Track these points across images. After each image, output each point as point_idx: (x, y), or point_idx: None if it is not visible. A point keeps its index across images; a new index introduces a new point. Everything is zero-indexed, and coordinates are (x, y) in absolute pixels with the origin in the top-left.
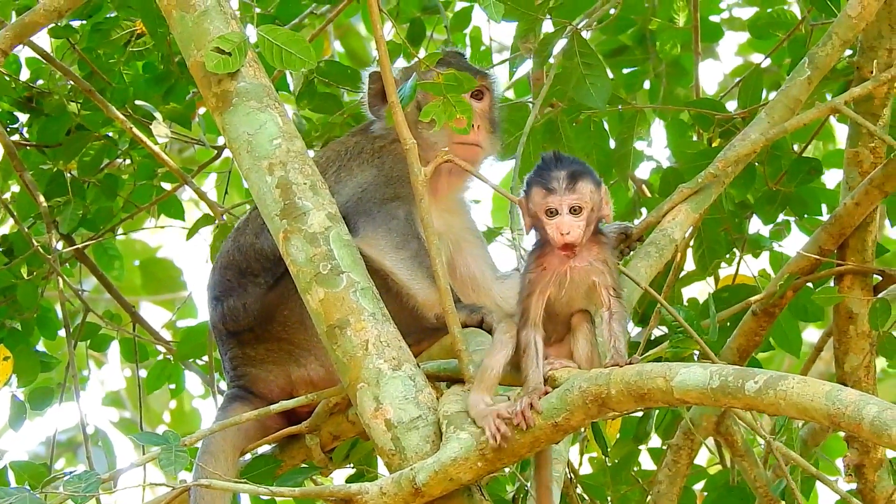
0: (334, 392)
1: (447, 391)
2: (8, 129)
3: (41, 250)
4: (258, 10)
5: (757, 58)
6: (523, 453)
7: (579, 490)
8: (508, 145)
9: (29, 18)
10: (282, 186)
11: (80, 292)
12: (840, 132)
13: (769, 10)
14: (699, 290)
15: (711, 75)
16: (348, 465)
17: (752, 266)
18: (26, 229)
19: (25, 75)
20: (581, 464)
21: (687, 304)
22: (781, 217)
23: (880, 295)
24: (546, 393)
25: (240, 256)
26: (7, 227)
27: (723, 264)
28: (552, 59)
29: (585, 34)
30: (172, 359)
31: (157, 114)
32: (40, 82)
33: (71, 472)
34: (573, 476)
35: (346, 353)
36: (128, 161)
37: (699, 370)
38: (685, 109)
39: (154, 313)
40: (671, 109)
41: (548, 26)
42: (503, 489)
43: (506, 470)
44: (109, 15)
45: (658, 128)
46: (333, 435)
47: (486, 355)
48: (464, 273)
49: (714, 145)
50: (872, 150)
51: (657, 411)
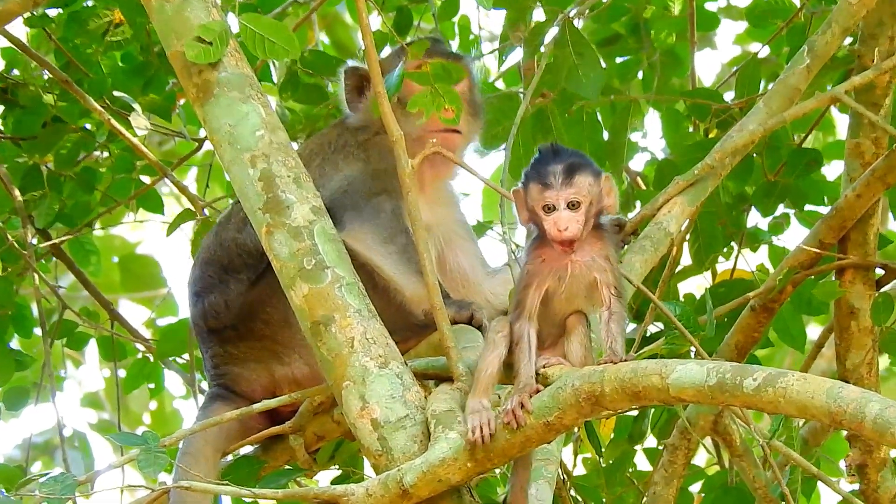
0: (319, 391)
1: (435, 390)
2: None
3: (16, 245)
4: None
5: (755, 46)
6: (514, 453)
7: (572, 492)
8: (498, 137)
9: (3, 7)
10: (265, 179)
11: (57, 289)
12: (841, 122)
13: None
14: (696, 286)
15: (708, 65)
16: (333, 467)
17: (751, 260)
18: (1, 224)
19: (0, 66)
20: (574, 465)
21: (683, 300)
22: (780, 210)
23: (883, 289)
24: (538, 391)
25: (221, 252)
26: None
27: (720, 258)
28: (543, 49)
29: (577, 22)
30: (152, 358)
31: (136, 105)
32: (15, 73)
33: (47, 475)
34: (566, 477)
35: (331, 351)
36: (106, 154)
37: (696, 367)
38: (681, 99)
39: (133, 311)
40: (666, 100)
41: (539, 14)
42: (493, 491)
43: (496, 471)
44: (87, 3)
45: (653, 118)
46: (318, 435)
47: (480, 357)
48: (453, 268)
49: (711, 136)
50: (874, 141)
51: (653, 410)
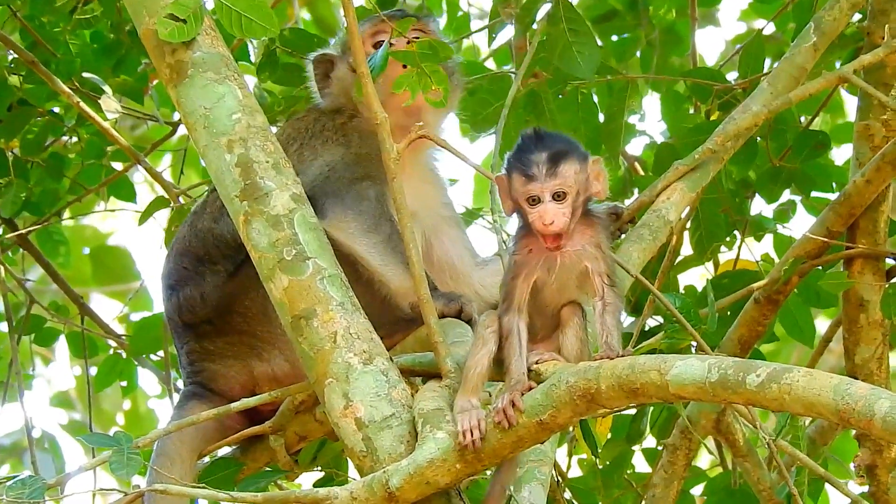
0: (300, 389)
1: (423, 387)
2: None
3: None
4: None
5: (759, 23)
6: (506, 454)
7: (567, 495)
8: (488, 119)
9: None
10: (242, 165)
11: (24, 282)
12: (849, 104)
13: None
14: (697, 276)
15: (710, 43)
16: (316, 468)
17: (755, 250)
18: None
19: None
20: (569, 466)
21: (683, 292)
22: (786, 196)
23: (894, 280)
24: (530, 388)
25: (197, 242)
26: None
27: (722, 248)
28: (536, 26)
29: None
30: (125, 354)
31: (107, 87)
32: None
33: (15, 478)
34: (560, 479)
35: (313, 346)
36: (75, 139)
37: (696, 363)
38: (681, 80)
39: (105, 305)
40: (666, 80)
41: None
42: (484, 493)
43: (487, 472)
44: None
45: (651, 100)
46: (299, 435)
47: (469, 354)
48: (441, 258)
49: (712, 118)
50: (885, 123)
51: (652, 408)
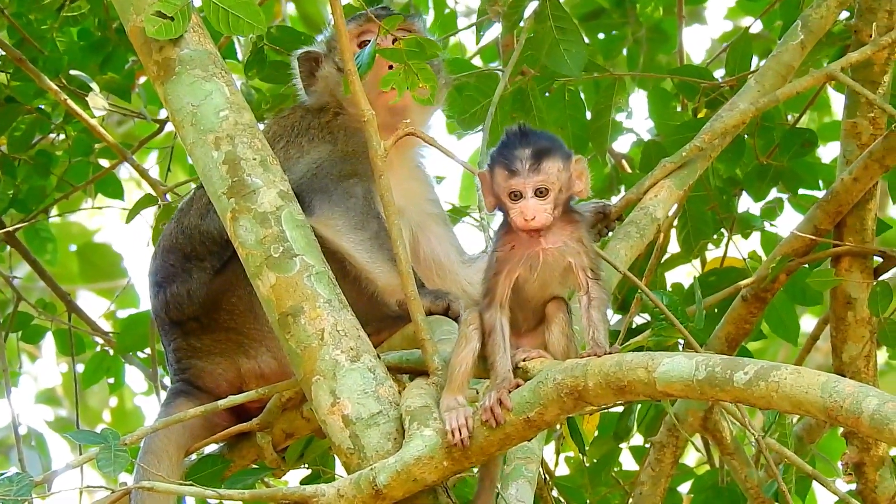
0: (287, 386)
1: (410, 384)
2: None
3: None
4: None
5: (746, 21)
6: (493, 451)
7: (555, 492)
8: (476, 117)
9: None
10: (229, 162)
11: (12, 279)
12: (837, 101)
13: None
14: (684, 274)
15: (697, 40)
16: (303, 466)
17: (742, 247)
18: None
19: None
20: (557, 464)
21: (671, 290)
22: (773, 194)
23: (881, 278)
24: (517, 386)
25: (184, 239)
26: None
27: (710, 245)
28: (523, 23)
29: None
30: (112, 351)
31: (94, 84)
32: None
33: (2, 475)
34: (548, 477)
35: (300, 344)
36: (62, 136)
37: (684, 360)
38: (668, 77)
39: (92, 302)
40: (653, 77)
41: None
42: (471, 491)
43: (474, 470)
44: None
45: (638, 97)
46: (286, 433)
47: (453, 352)
48: (428, 255)
49: (699, 116)
50: (872, 121)
51: (639, 406)
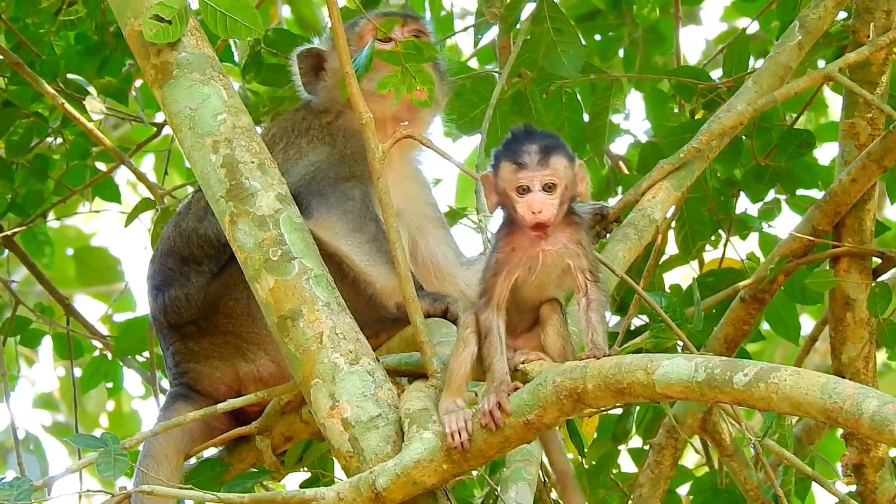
0: (286, 389)
1: (409, 387)
2: None
3: None
4: None
5: (743, 22)
6: (492, 454)
7: (554, 494)
8: (473, 119)
9: None
10: (227, 165)
11: (10, 283)
12: (834, 102)
13: None
14: (682, 276)
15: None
16: (302, 469)
17: (740, 249)
18: None
19: None
20: None
21: (669, 291)
22: (771, 195)
23: (880, 279)
24: (515, 389)
25: (182, 243)
26: None
27: (707, 247)
28: (520, 25)
29: None
30: (110, 355)
31: (91, 88)
32: None
33: (1, 480)
34: (547, 479)
35: (299, 347)
36: (59, 140)
37: (683, 362)
38: (665, 78)
39: (89, 306)
40: (650, 79)
41: None
42: (470, 494)
43: (473, 473)
44: None
45: (635, 99)
46: (286, 436)
47: (451, 356)
48: (426, 258)
49: (697, 117)
50: (870, 122)
51: (638, 408)
